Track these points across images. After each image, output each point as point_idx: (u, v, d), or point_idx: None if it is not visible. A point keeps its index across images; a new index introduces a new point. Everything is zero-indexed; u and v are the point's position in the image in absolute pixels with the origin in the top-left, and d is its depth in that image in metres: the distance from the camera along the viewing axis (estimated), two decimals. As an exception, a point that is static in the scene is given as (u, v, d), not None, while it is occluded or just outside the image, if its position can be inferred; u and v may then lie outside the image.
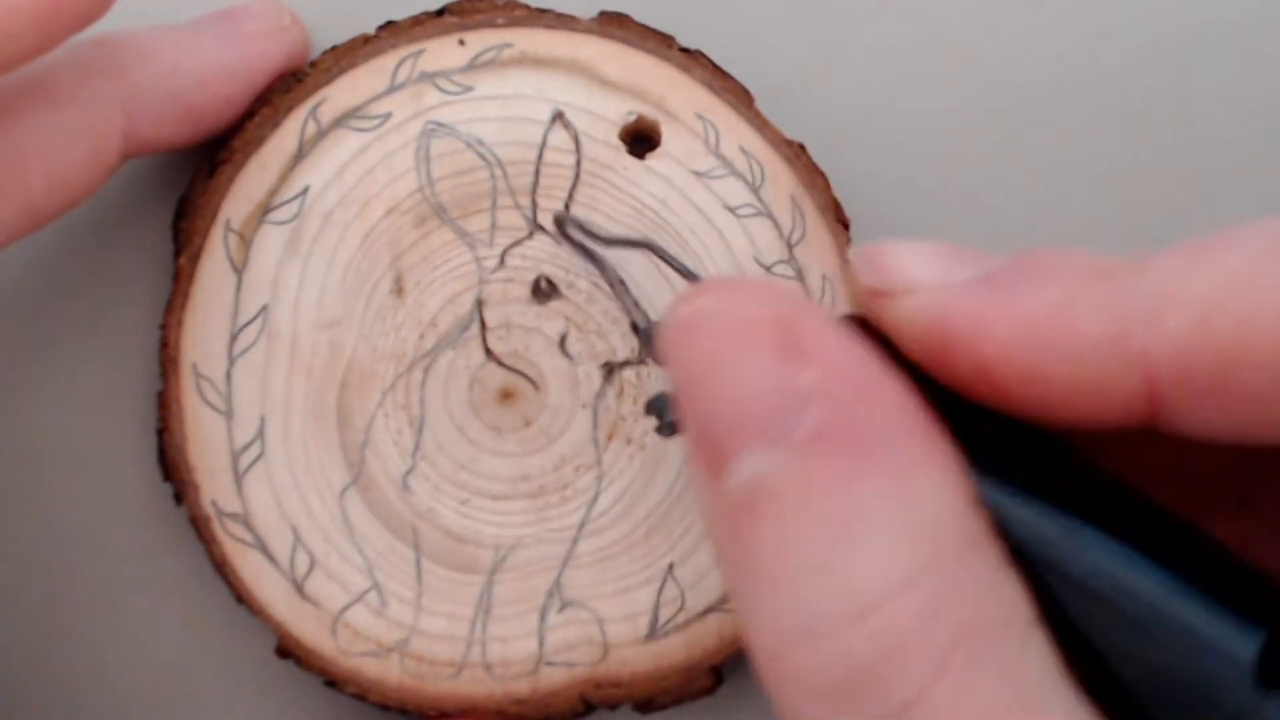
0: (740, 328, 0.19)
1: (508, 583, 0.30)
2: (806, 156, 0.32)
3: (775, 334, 0.19)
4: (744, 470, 0.18)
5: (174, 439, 0.30)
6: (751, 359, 0.19)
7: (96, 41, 0.29)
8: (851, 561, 0.18)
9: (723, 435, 0.19)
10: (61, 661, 0.32)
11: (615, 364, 0.31)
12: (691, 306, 0.20)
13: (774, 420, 0.18)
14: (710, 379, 0.19)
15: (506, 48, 0.31)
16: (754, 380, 0.19)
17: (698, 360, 0.19)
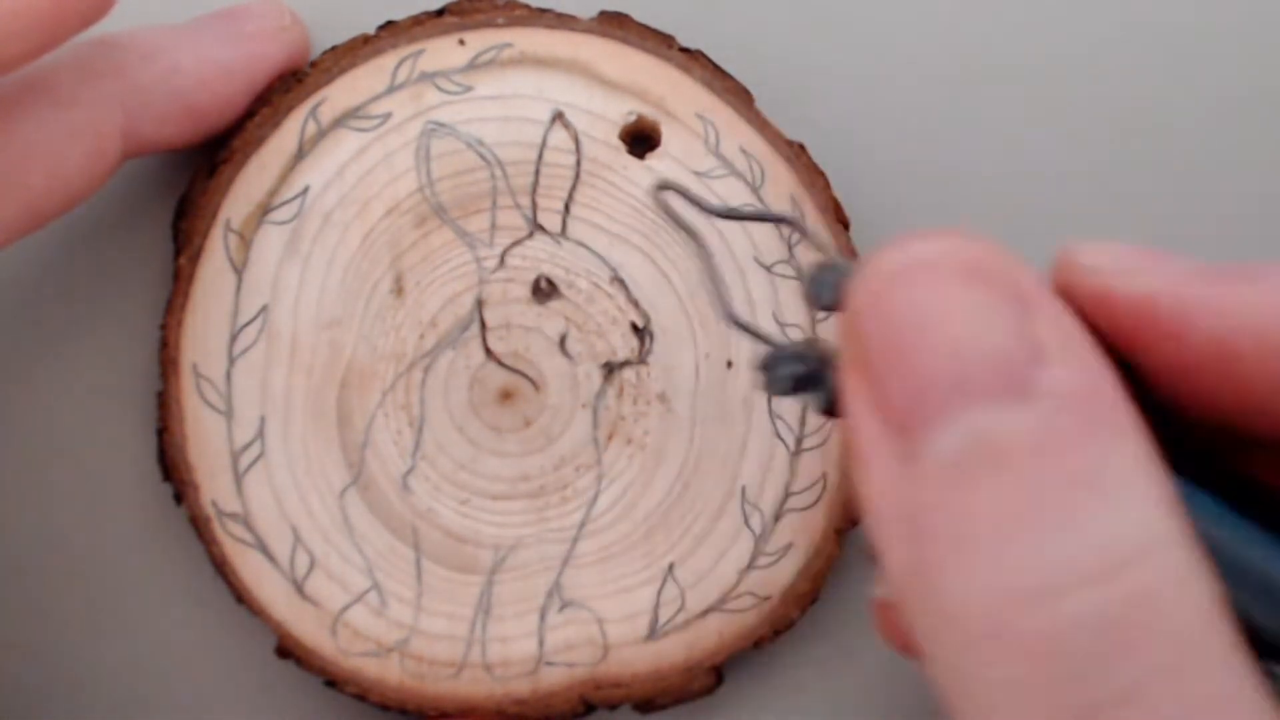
0: (963, 275, 0.18)
1: (508, 583, 0.30)
2: (806, 156, 0.32)
3: (1003, 284, 0.18)
4: (965, 427, 0.17)
5: (174, 439, 0.30)
6: (989, 308, 0.17)
7: (97, 41, 0.29)
8: (1106, 515, 0.17)
9: (937, 387, 0.17)
10: (61, 661, 0.32)
11: (615, 364, 0.31)
12: (903, 255, 0.18)
13: (1013, 371, 0.17)
14: (934, 329, 0.17)
15: (506, 48, 0.31)
16: (989, 325, 0.17)
17: (916, 309, 0.18)
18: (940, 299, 0.18)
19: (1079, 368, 0.17)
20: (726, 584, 0.31)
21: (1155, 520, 0.17)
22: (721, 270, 0.28)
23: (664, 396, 0.31)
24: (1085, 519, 0.17)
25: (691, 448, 0.31)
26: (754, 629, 0.31)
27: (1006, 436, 0.17)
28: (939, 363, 0.17)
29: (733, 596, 0.31)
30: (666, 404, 0.31)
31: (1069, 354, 0.18)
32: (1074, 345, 0.18)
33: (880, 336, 0.18)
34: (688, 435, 0.31)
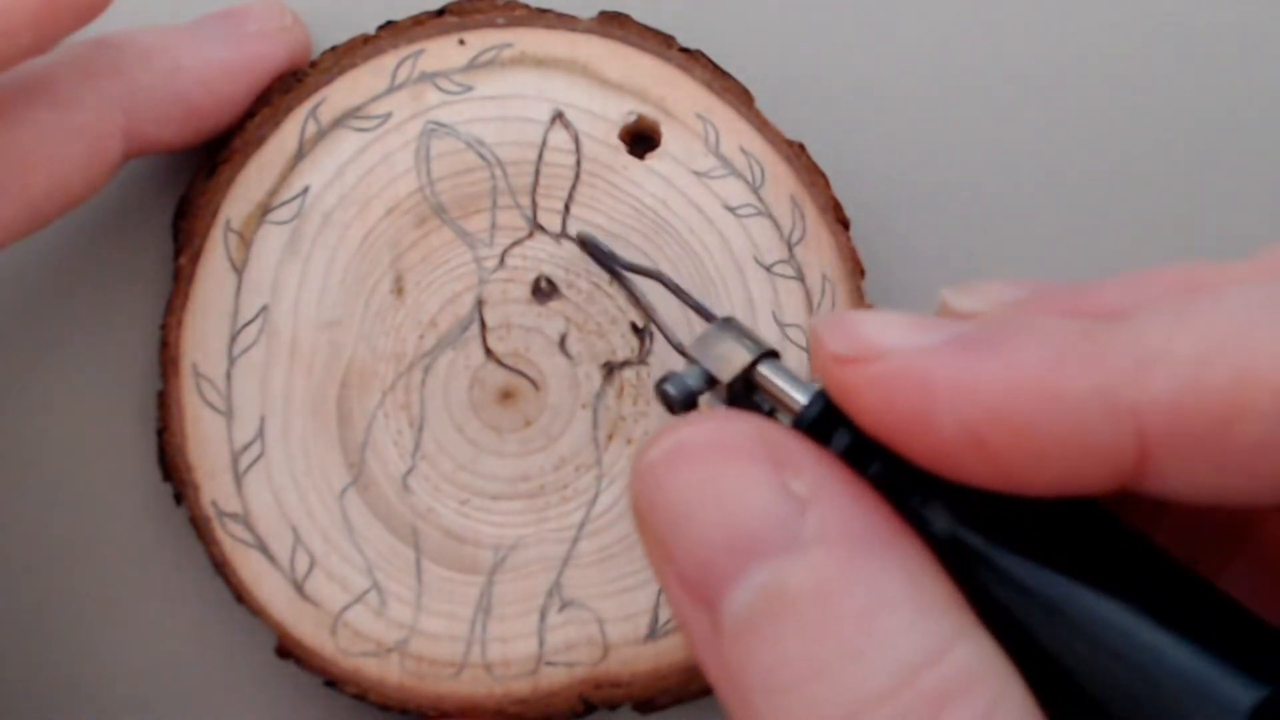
0: (727, 450, 0.19)
1: (508, 583, 0.30)
2: (806, 156, 0.32)
3: (762, 449, 0.19)
4: (750, 587, 0.19)
5: (174, 439, 0.30)
6: (746, 476, 0.19)
7: (97, 42, 0.29)
8: (889, 640, 0.18)
9: (721, 560, 0.19)
10: (61, 661, 0.32)
11: (615, 364, 0.31)
12: (669, 440, 0.20)
13: (778, 528, 0.19)
14: (699, 504, 0.19)
15: (506, 48, 0.31)
16: (748, 494, 0.19)
17: (686, 491, 0.19)
18: (702, 479, 0.19)
19: (837, 509, 0.19)
20: (727, 584, 0.31)
21: (936, 628, 0.18)
22: (657, 310, 0.29)
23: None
24: (873, 644, 0.18)
25: None
26: (754, 629, 0.31)
27: (786, 587, 0.18)
28: (714, 535, 0.19)
29: (733, 596, 0.31)
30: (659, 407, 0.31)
31: (825, 499, 0.19)
32: (829, 489, 0.19)
33: (662, 524, 0.20)
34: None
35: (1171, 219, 0.33)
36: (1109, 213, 0.33)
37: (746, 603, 0.19)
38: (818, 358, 0.20)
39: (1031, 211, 0.33)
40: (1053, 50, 0.33)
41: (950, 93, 0.33)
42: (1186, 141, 0.33)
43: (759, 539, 0.19)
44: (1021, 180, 0.33)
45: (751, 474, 0.19)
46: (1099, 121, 0.33)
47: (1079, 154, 0.33)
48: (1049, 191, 0.33)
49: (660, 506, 0.20)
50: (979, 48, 0.33)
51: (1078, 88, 0.33)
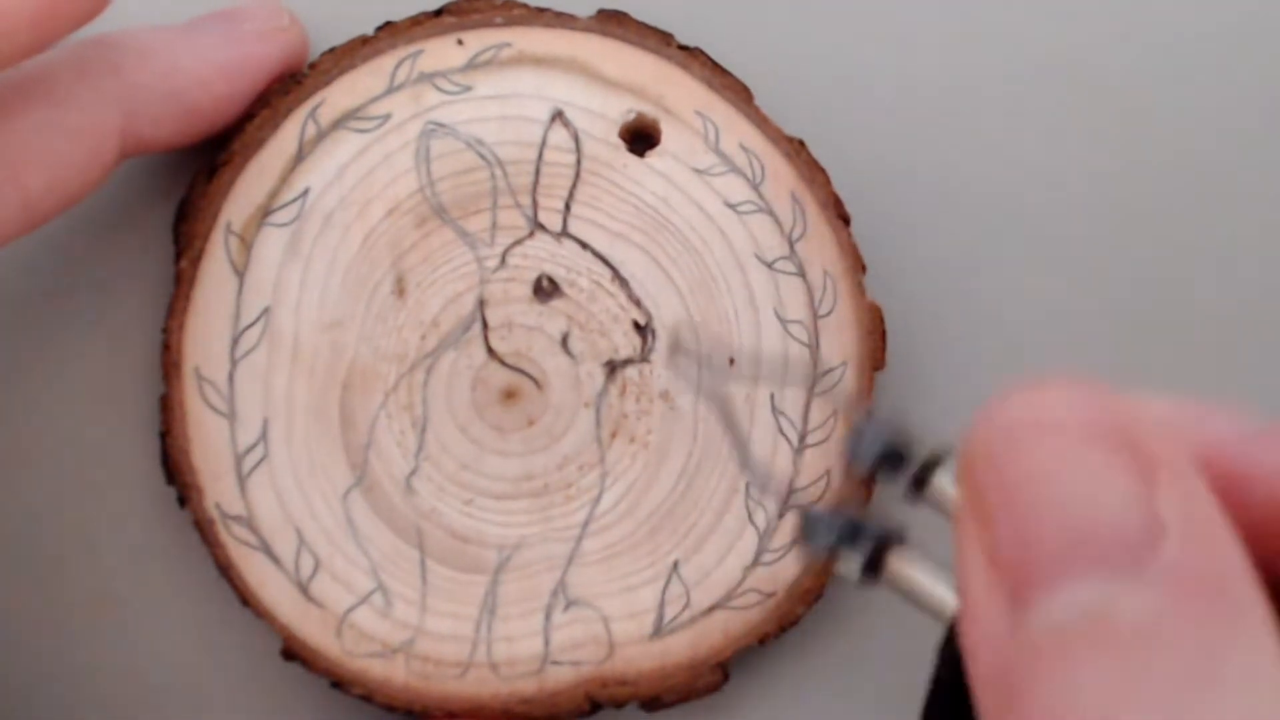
0: (1091, 434, 0.17)
1: (512, 582, 0.30)
2: (806, 152, 0.32)
3: (1128, 449, 0.17)
4: (1075, 598, 0.16)
5: (177, 442, 0.30)
6: (1108, 472, 0.17)
7: (94, 41, 0.29)
8: (1205, 715, 0.16)
9: (1050, 555, 0.17)
10: (66, 665, 0.32)
11: (617, 362, 0.31)
12: (1021, 406, 0.18)
13: (1129, 547, 0.16)
14: (1046, 487, 0.17)
15: (505, 47, 0.31)
16: (1108, 497, 0.17)
17: (1026, 468, 0.17)
18: (1060, 461, 0.17)
19: (1200, 547, 0.17)
20: (731, 581, 0.31)
21: (1269, 714, 0.16)
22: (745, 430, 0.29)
23: (666, 394, 0.31)
24: (1194, 714, 0.16)
25: (695, 445, 0.31)
26: (759, 626, 0.31)
27: (1114, 614, 0.16)
28: (1053, 529, 0.17)
29: (738, 593, 0.31)
30: (669, 402, 0.31)
31: (1191, 531, 0.17)
32: (1199, 521, 0.17)
33: (997, 493, 0.17)
34: (691, 433, 0.31)
35: (1172, 214, 0.33)
36: (1110, 208, 0.33)
37: (1062, 614, 0.16)
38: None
39: (1032, 207, 0.33)
40: (1053, 45, 0.33)
41: (950, 88, 0.33)
42: (1189, 140, 0.33)
43: (1104, 548, 0.16)
44: (1022, 175, 0.33)
45: (1120, 475, 0.17)
46: (1099, 116, 0.33)
47: (1079, 149, 0.33)
48: (1050, 187, 0.33)
49: (998, 476, 0.17)
50: (979, 43, 0.33)
51: (1078, 83, 0.33)
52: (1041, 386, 0.18)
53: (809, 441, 0.31)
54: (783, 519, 0.22)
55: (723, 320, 0.31)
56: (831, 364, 0.31)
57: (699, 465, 0.31)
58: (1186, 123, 0.33)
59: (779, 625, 0.31)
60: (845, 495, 0.22)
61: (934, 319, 0.33)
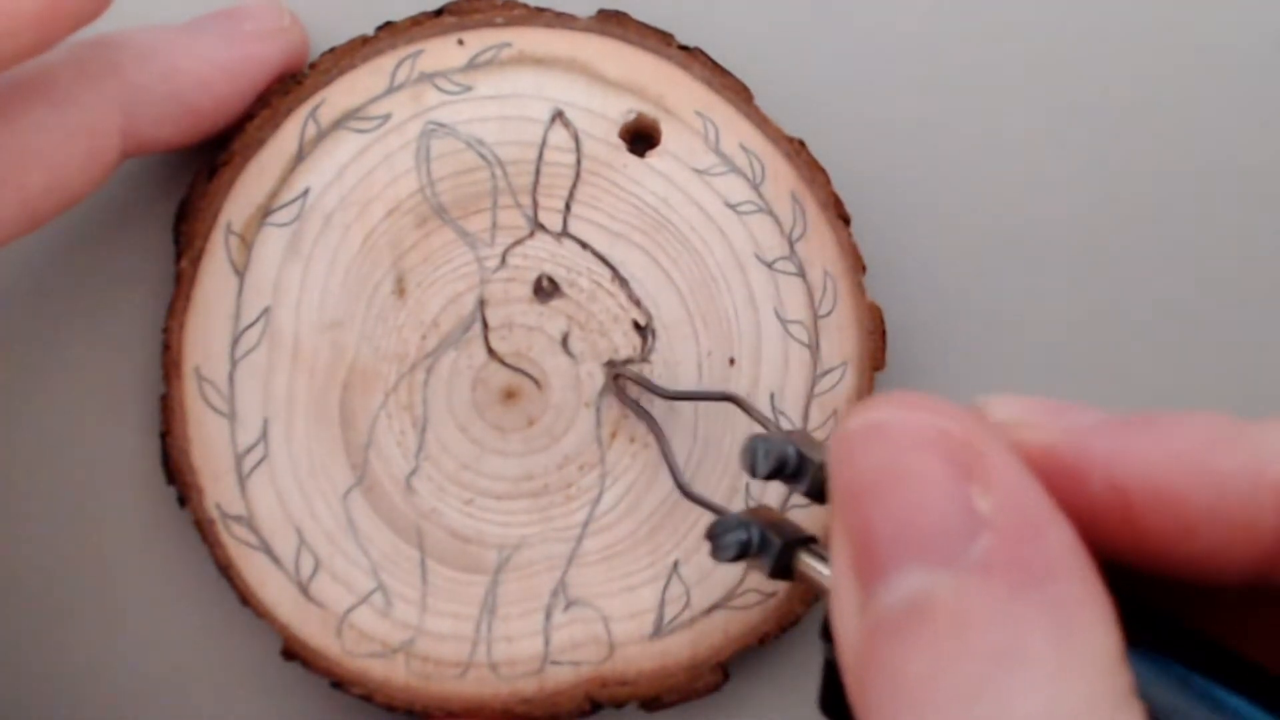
0: (920, 440, 0.19)
1: (513, 582, 0.30)
2: (806, 152, 0.32)
3: (957, 452, 0.19)
4: (903, 586, 0.18)
5: (177, 442, 0.30)
6: (929, 473, 0.19)
7: (95, 42, 0.29)
8: (1009, 693, 0.17)
9: (886, 547, 0.19)
10: (66, 664, 0.32)
11: (617, 362, 0.31)
12: (868, 416, 0.20)
13: (946, 539, 0.18)
14: (881, 489, 0.19)
15: (505, 47, 0.31)
16: (930, 496, 0.19)
17: (870, 468, 0.19)
18: (893, 466, 0.19)
19: (1017, 537, 0.18)
20: (731, 581, 0.31)
21: (1069, 696, 0.17)
22: (673, 447, 0.30)
23: (666, 394, 0.31)
24: (993, 693, 0.17)
25: (695, 445, 0.31)
26: (759, 625, 0.31)
27: (933, 600, 0.18)
28: (886, 522, 0.19)
29: (738, 593, 0.31)
30: (669, 401, 0.31)
31: (1008, 523, 0.18)
32: (1017, 514, 0.19)
33: (845, 490, 0.19)
34: (691, 432, 0.31)
35: (1173, 215, 0.33)
36: (1109, 208, 0.33)
37: (895, 600, 0.18)
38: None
39: (1032, 207, 0.33)
40: (1053, 45, 0.33)
41: (950, 88, 0.33)
42: (1188, 137, 0.33)
43: (924, 543, 0.18)
44: (1022, 176, 0.33)
45: (938, 475, 0.19)
46: (1099, 117, 0.33)
47: (1079, 149, 0.33)
48: (1050, 187, 0.33)
49: (847, 477, 0.19)
50: (979, 43, 0.33)
51: (1078, 83, 0.33)
52: (881, 400, 0.20)
53: (809, 441, 0.31)
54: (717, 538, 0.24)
55: (723, 320, 0.31)
56: (831, 364, 0.31)
57: (699, 465, 0.31)
58: (1187, 123, 0.33)
59: (779, 625, 0.31)
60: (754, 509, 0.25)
61: (934, 319, 0.33)
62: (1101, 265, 0.33)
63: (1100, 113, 0.33)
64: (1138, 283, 0.33)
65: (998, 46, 0.33)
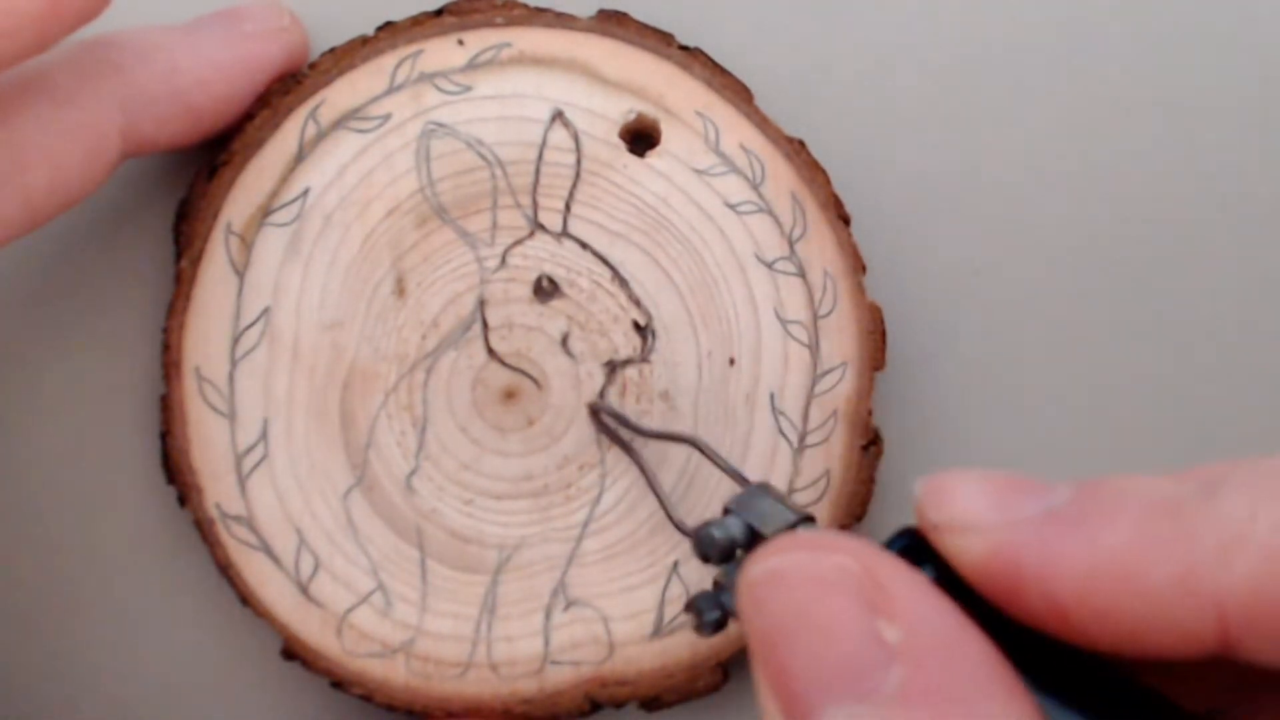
0: (822, 581, 0.19)
1: (512, 582, 0.30)
2: (806, 153, 0.32)
3: (859, 587, 0.19)
4: None
5: (177, 442, 0.30)
6: (836, 613, 0.19)
7: (95, 41, 0.29)
8: None
9: (806, 689, 0.19)
10: (66, 665, 0.32)
11: (617, 362, 0.31)
12: (769, 562, 0.20)
13: (861, 675, 0.19)
14: (792, 633, 0.19)
15: (505, 47, 0.31)
16: (839, 634, 0.19)
17: (777, 614, 0.19)
18: (799, 609, 0.19)
19: (929, 665, 0.19)
20: (731, 581, 0.31)
21: None
22: (660, 482, 0.30)
23: (666, 394, 0.31)
24: None
25: None
26: (759, 626, 0.31)
27: None
28: (801, 665, 0.19)
29: (738, 594, 0.31)
30: (669, 402, 0.31)
31: (920, 652, 0.19)
32: (928, 642, 0.19)
33: (759, 639, 0.20)
34: (690, 433, 0.31)
35: (1173, 214, 0.33)
36: (1110, 208, 0.33)
37: None
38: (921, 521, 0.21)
39: (1033, 207, 0.33)
40: (1053, 46, 0.33)
41: (950, 88, 0.33)
42: (1190, 139, 0.33)
43: (841, 680, 0.19)
44: (1022, 175, 0.33)
45: (844, 613, 0.19)
46: (1100, 116, 0.33)
47: (1080, 149, 0.33)
48: (1050, 187, 0.33)
49: (757, 624, 0.20)
50: (978, 43, 0.33)
51: (1079, 83, 0.33)
52: (779, 545, 0.20)
53: (809, 442, 0.31)
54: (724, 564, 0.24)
55: (723, 320, 0.31)
56: (831, 364, 0.31)
57: (699, 465, 0.31)
58: (1188, 123, 0.33)
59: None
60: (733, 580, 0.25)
61: (934, 319, 0.33)
62: (1102, 264, 0.33)
63: (1101, 112, 0.33)
64: (1138, 282, 0.33)
65: (998, 46, 0.33)
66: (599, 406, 0.30)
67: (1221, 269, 0.33)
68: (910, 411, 0.33)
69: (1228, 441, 0.33)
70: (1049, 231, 0.33)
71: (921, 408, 0.33)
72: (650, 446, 0.31)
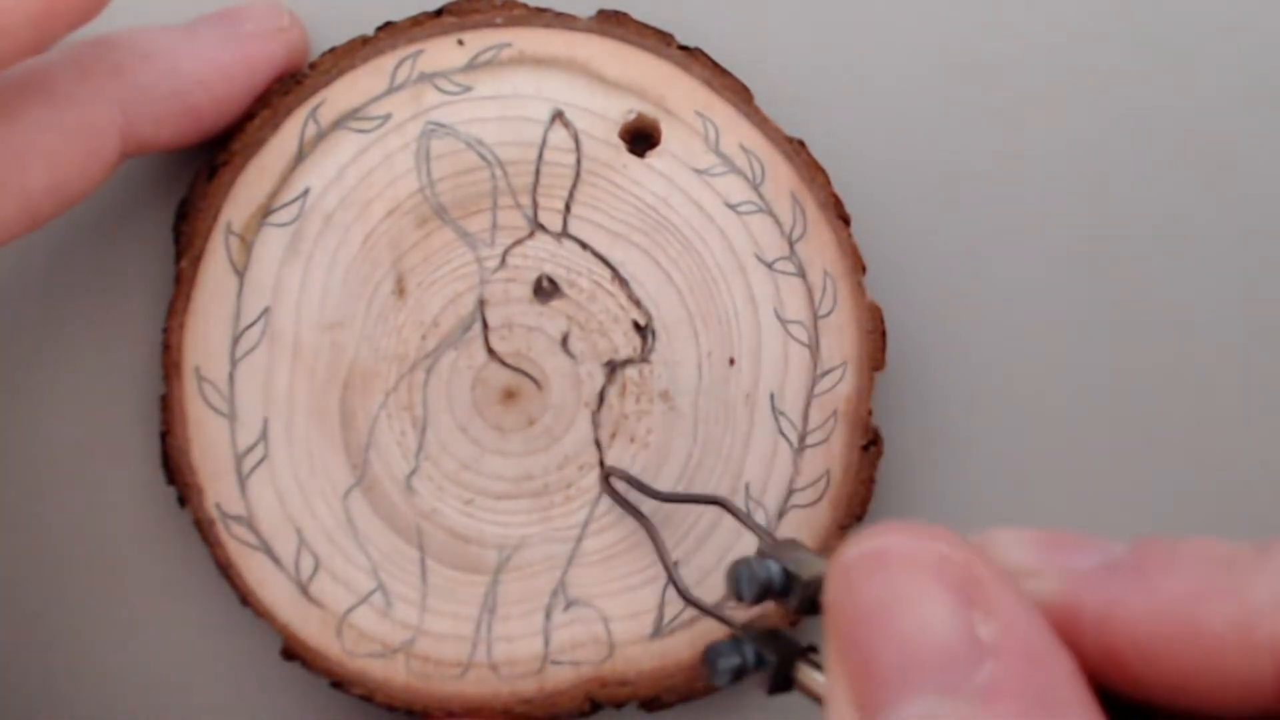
0: (923, 568, 0.19)
1: (512, 582, 0.30)
2: (806, 153, 0.32)
3: (958, 580, 0.19)
4: (908, 714, 0.18)
5: (177, 442, 0.30)
6: (933, 601, 0.19)
7: (95, 41, 0.29)
8: None
9: (890, 676, 0.19)
10: (66, 664, 0.32)
11: (617, 362, 0.31)
12: (870, 544, 0.20)
13: (950, 667, 0.18)
14: (885, 616, 0.19)
15: (505, 47, 0.31)
16: (933, 624, 0.19)
17: (873, 596, 0.19)
18: (895, 594, 0.19)
19: (1020, 667, 0.19)
20: (731, 581, 0.31)
21: None
22: (669, 549, 0.30)
23: (666, 394, 0.31)
24: None
25: (694, 445, 0.31)
26: (759, 626, 0.31)
27: None
28: (888, 650, 0.19)
29: (738, 594, 0.31)
30: (669, 402, 0.31)
31: (1009, 653, 0.19)
32: (1020, 643, 0.19)
33: (846, 619, 0.20)
34: (690, 433, 0.31)
35: (1173, 214, 0.33)
36: (1110, 208, 0.33)
37: None
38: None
39: (1032, 207, 0.33)
40: (1052, 45, 0.33)
41: (950, 88, 0.33)
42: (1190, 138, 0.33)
43: (930, 670, 0.18)
44: (1022, 175, 0.33)
45: (941, 602, 0.19)
46: (1100, 116, 0.33)
47: (1080, 149, 0.33)
48: (1050, 187, 0.33)
49: (847, 606, 0.20)
50: (978, 42, 0.33)
51: (1079, 83, 0.33)
52: (881, 528, 0.20)
53: (809, 442, 0.31)
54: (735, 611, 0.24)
55: (723, 320, 0.31)
56: (831, 364, 0.31)
57: (699, 465, 0.31)
58: (1188, 123, 0.33)
59: (779, 625, 0.31)
60: (754, 617, 0.25)
61: (934, 319, 0.33)
62: (1102, 264, 0.33)
63: (1101, 112, 0.33)
64: (1138, 281, 0.33)
65: (998, 46, 0.33)
66: (612, 471, 0.30)
67: (1222, 268, 0.33)
68: (910, 411, 0.33)
69: (1228, 440, 0.33)
70: (1049, 231, 0.33)
71: (921, 408, 0.33)
72: (652, 446, 0.31)
